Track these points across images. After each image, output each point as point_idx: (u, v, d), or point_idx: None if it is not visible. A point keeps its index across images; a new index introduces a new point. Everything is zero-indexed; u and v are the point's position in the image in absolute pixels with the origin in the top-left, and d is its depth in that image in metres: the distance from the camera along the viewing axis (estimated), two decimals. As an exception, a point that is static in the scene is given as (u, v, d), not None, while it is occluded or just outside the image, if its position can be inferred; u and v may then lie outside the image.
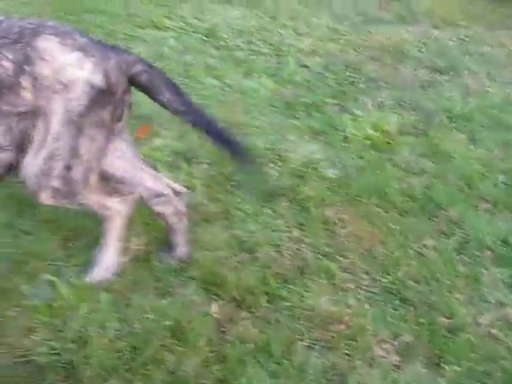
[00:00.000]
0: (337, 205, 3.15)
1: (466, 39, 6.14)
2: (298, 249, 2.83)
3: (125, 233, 2.60)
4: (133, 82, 2.26)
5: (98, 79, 2.12)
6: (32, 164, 2.17)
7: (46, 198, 2.28)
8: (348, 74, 4.95)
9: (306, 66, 4.95)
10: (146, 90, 2.31)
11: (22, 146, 2.15)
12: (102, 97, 2.14)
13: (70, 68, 2.09)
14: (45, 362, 2.21)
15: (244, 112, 3.95)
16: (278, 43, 5.34)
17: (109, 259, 2.57)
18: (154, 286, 2.53)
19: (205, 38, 5.30)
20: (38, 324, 2.37)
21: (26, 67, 2.04)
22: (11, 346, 2.29)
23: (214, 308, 2.44)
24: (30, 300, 2.45)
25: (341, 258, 2.79)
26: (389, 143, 3.77)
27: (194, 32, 5.40)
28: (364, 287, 2.65)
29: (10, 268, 2.60)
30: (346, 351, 2.31)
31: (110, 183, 2.48)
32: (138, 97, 4.00)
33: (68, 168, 2.21)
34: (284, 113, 4.16)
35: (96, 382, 2.13)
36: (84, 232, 2.78)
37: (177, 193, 2.65)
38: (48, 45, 2.08)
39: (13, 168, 2.24)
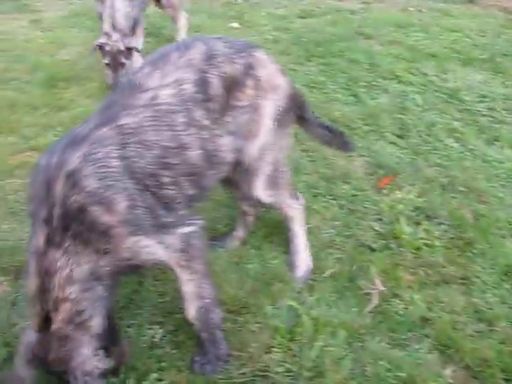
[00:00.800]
0: None
1: None
2: (536, 333, 2.72)
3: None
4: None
5: (291, 89, 2.66)
6: (250, 150, 2.57)
7: (260, 186, 2.69)
8: None
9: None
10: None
11: (241, 134, 2.54)
12: (289, 103, 2.64)
13: (276, 75, 2.61)
14: (281, 382, 2.37)
15: (485, 180, 3.88)
16: (523, 115, 5.16)
17: (305, 258, 2.95)
18: (389, 335, 2.59)
19: (447, 97, 5.27)
20: (276, 344, 2.54)
21: (250, 71, 2.50)
22: (251, 359, 2.49)
23: (449, 372, 2.43)
24: (271, 320, 2.64)
25: None
26: None
27: (436, 91, 5.40)
28: None
29: (258, 287, 2.81)
30: None
31: None
32: (386, 148, 4.11)
33: (276, 158, 2.66)
34: (528, 190, 4.00)
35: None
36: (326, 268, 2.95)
37: None
38: (262, 56, 2.60)
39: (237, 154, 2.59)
